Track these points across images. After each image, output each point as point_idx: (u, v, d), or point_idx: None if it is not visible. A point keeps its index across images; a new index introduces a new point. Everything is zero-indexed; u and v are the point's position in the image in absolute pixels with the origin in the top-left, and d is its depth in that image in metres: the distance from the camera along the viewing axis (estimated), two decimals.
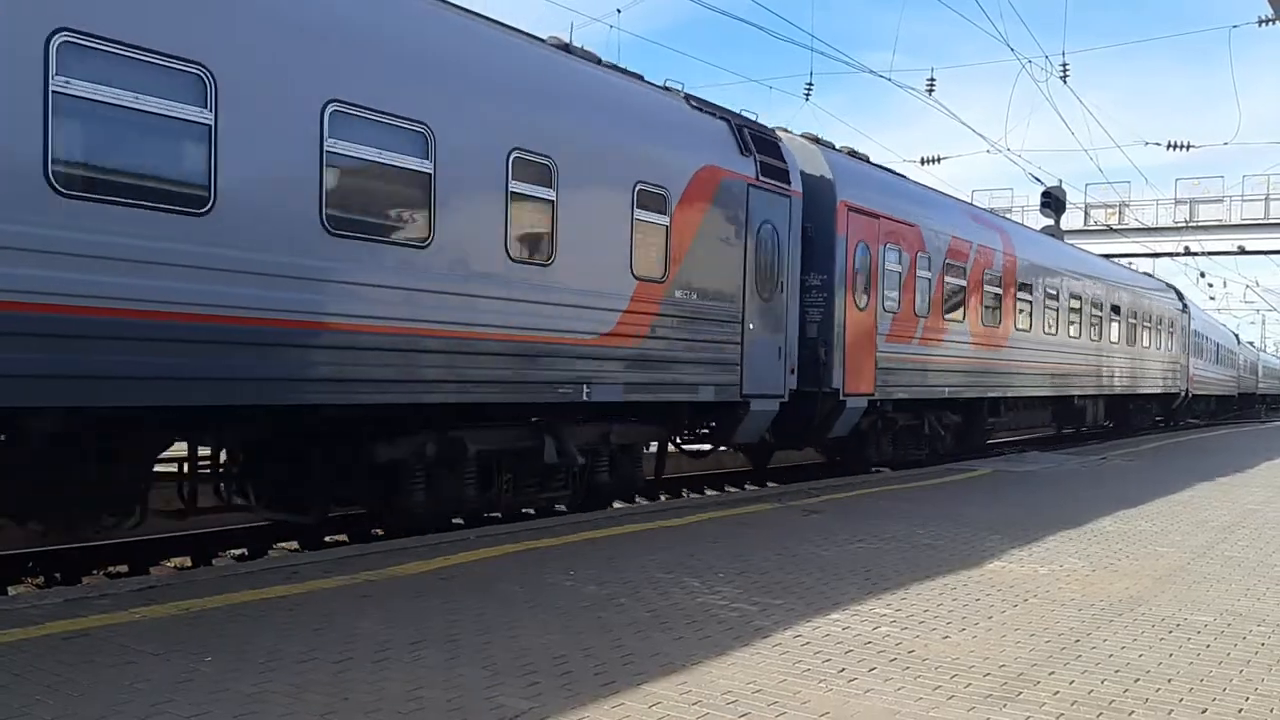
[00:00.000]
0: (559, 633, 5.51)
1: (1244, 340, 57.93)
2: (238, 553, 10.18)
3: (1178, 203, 48.99)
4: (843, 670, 5.01)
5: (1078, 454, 20.29)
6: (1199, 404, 39.03)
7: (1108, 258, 31.49)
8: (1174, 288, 34.11)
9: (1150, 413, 32.19)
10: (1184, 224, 48.21)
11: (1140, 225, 45.94)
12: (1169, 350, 31.33)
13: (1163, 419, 34.01)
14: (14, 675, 4.52)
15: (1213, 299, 62.21)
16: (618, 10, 39.04)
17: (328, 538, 10.84)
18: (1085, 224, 46.49)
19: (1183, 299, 34.09)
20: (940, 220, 16.99)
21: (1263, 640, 5.82)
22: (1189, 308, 35.02)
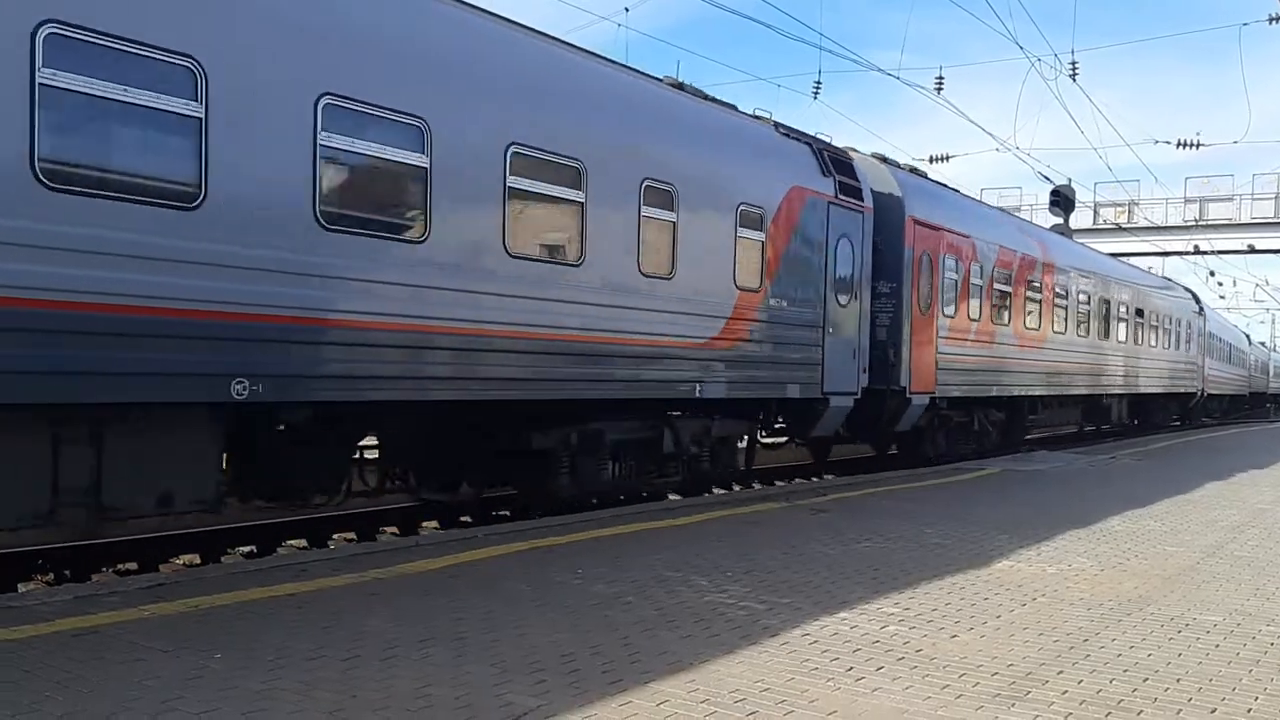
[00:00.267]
0: (567, 631, 5.52)
1: (1255, 340, 58.01)
2: (246, 550, 10.21)
3: (1187, 201, 48.88)
4: (851, 669, 5.01)
5: (1086, 453, 20.26)
6: (1213, 403, 40.02)
7: (1117, 256, 31.51)
8: (1191, 291, 35.08)
9: (1170, 411, 33.24)
10: (1194, 223, 48.10)
11: (1150, 224, 45.84)
12: (1187, 352, 32.45)
13: (1179, 418, 34.91)
14: (24, 672, 4.55)
15: (1222, 298, 62.07)
16: (626, 9, 38.93)
17: (334, 535, 10.89)
18: (1094, 223, 46.30)
19: (1199, 302, 35.19)
20: (990, 232, 18.27)
21: (1272, 640, 5.79)
22: (1205, 310, 36.10)
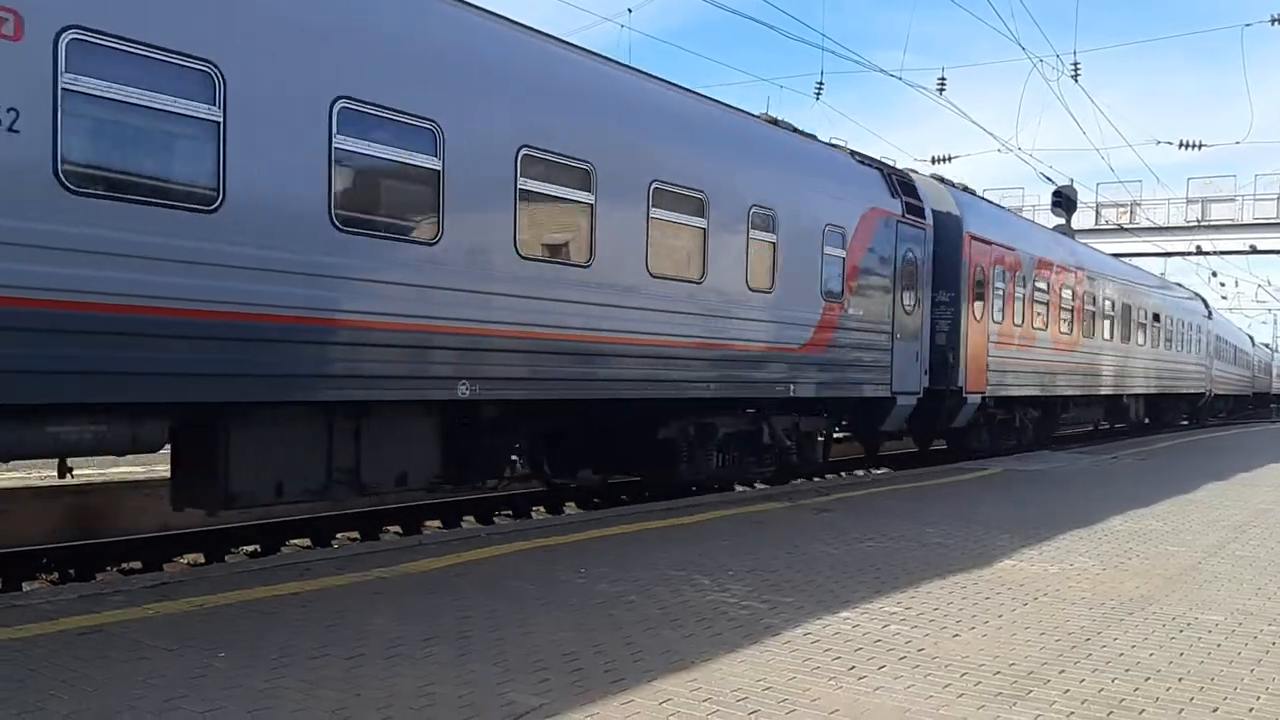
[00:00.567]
0: (570, 630, 5.53)
1: (1258, 342, 58.24)
2: (250, 550, 10.24)
3: (1189, 202, 48.79)
4: (853, 668, 5.02)
5: (1089, 453, 20.27)
6: (1219, 403, 41.36)
7: (1119, 257, 31.56)
8: (1200, 296, 36.59)
9: (1180, 410, 34.78)
10: (1196, 223, 48.04)
11: (1152, 224, 45.77)
12: (1197, 354, 33.99)
13: (1188, 417, 36.28)
14: (29, 670, 4.56)
15: (1225, 299, 61.93)
16: (629, 10, 38.89)
17: (338, 535, 10.91)
18: (1096, 223, 46.25)
19: (1208, 306, 36.83)
20: (1031, 244, 19.98)
21: (1274, 640, 5.80)
22: (1213, 314, 37.59)
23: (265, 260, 7.23)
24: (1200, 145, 30.70)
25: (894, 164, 16.19)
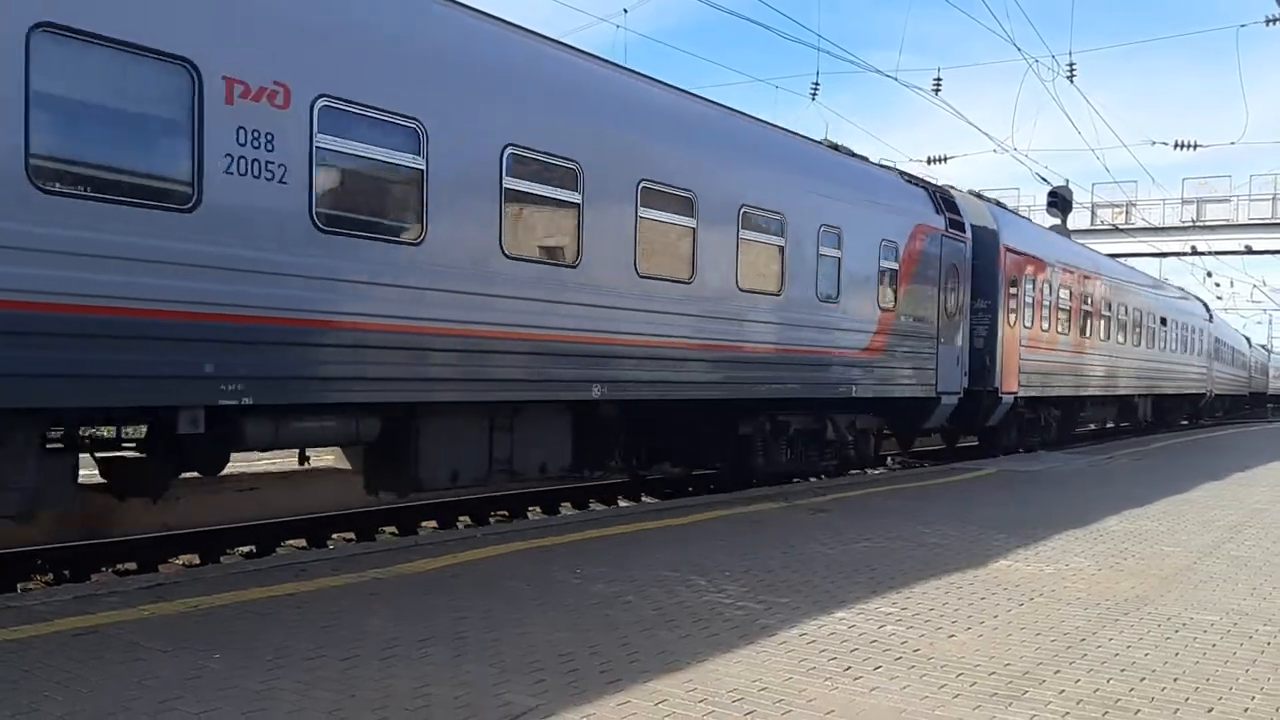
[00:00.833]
0: (566, 630, 5.53)
1: (1254, 343, 58.60)
2: (245, 550, 10.22)
3: (1184, 202, 48.81)
4: (849, 669, 5.02)
5: (1085, 453, 20.31)
6: (1218, 403, 42.65)
7: (1115, 258, 31.65)
8: (1201, 299, 37.93)
9: (1183, 410, 36.04)
10: (1191, 224, 48.08)
11: (1147, 225, 45.82)
12: (1199, 355, 35.44)
13: (1188, 417, 37.36)
14: (24, 671, 4.56)
15: (1220, 299, 62.00)
16: (624, 10, 38.81)
17: (333, 535, 10.89)
18: (1092, 223, 46.31)
19: (1208, 309, 38.26)
20: (1056, 254, 21.42)
21: (1269, 639, 5.81)
22: (1212, 317, 38.96)
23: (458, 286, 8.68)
24: (1195, 146, 30.73)
25: (935, 182, 17.58)
